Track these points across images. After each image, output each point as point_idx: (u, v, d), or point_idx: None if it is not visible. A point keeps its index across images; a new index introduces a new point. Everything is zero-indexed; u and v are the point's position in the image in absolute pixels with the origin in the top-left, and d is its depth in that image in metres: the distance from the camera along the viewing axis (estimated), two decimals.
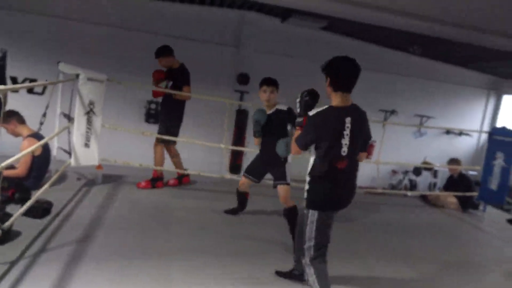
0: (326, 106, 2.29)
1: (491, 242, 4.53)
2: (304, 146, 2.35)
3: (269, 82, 3.41)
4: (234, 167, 7.09)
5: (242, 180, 3.82)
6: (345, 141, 2.25)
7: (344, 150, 2.26)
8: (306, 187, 2.38)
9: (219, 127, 6.96)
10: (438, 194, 5.85)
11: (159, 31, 6.36)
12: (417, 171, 8.11)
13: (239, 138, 7.12)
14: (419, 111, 8.34)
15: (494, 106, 9.03)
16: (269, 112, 3.45)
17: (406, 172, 8.17)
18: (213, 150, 6.38)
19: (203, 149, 6.39)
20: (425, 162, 7.64)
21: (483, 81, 8.74)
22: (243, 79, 7.09)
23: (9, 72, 5.92)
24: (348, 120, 2.26)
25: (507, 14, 4.12)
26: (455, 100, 8.66)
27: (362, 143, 2.40)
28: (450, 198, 5.57)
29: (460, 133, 8.64)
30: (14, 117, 3.84)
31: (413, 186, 8.03)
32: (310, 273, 2.34)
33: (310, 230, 2.35)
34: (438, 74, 8.27)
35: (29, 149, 2.92)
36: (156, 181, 4.67)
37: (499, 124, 8.67)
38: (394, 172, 8.24)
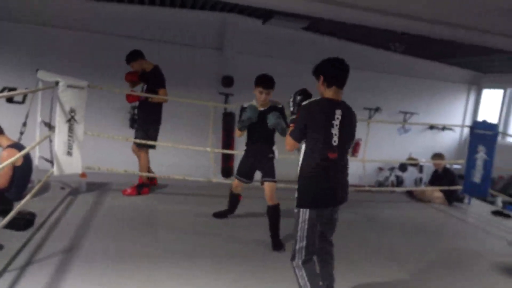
0: (319, 98, 2.35)
1: (477, 235, 4.61)
2: (298, 137, 2.34)
3: (267, 86, 3.34)
4: (226, 170, 7.05)
5: (235, 182, 3.79)
6: (335, 131, 2.27)
7: (335, 140, 2.27)
8: (297, 186, 2.35)
9: (205, 130, 6.92)
10: (423, 190, 5.94)
11: (141, 36, 6.30)
12: (403, 167, 8.22)
13: (227, 141, 7.08)
14: (403, 108, 8.45)
15: (474, 100, 9.22)
16: (261, 109, 3.40)
17: (392, 169, 8.27)
18: (201, 154, 6.32)
19: (190, 153, 6.33)
20: (410, 158, 7.75)
21: (464, 76, 8.92)
22: (227, 81, 7.07)
23: None
24: (338, 112, 2.30)
25: (485, 11, 4.21)
26: (438, 96, 8.82)
27: (350, 140, 2.41)
28: (436, 193, 5.65)
29: (443, 128, 8.79)
30: None
31: (399, 182, 8.13)
32: (301, 275, 2.30)
33: (301, 229, 2.28)
34: (420, 71, 8.39)
35: (9, 160, 2.84)
36: (142, 187, 4.62)
37: (480, 118, 8.86)
38: (380, 169, 8.33)
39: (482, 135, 5.09)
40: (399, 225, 4.62)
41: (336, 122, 2.28)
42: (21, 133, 4.35)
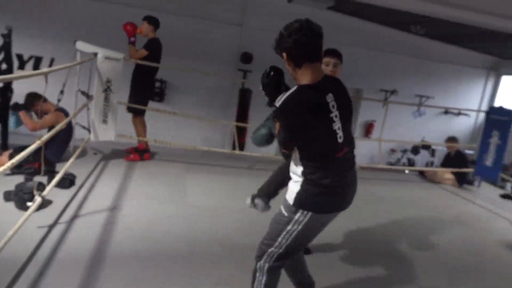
0: (295, 88, 1.72)
1: (482, 215, 4.81)
2: (289, 148, 1.79)
3: (334, 53, 2.62)
4: (238, 146, 7.29)
5: None
6: (337, 124, 1.74)
7: (340, 135, 1.75)
8: (296, 187, 1.79)
9: (221, 105, 7.15)
10: (435, 170, 6.14)
11: (162, 8, 6.41)
12: (415, 150, 8.39)
13: (242, 117, 7.30)
14: (419, 91, 8.51)
15: (492, 86, 9.21)
16: None
17: (404, 151, 8.44)
18: (214, 128, 6.62)
19: (202, 127, 6.62)
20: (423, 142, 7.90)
21: (483, 62, 8.89)
22: (246, 58, 7.20)
23: (14, 49, 6.01)
24: (330, 97, 1.73)
25: None
26: (455, 80, 8.83)
27: (351, 119, 1.91)
28: (447, 174, 5.85)
29: (459, 113, 8.86)
30: (36, 98, 3.97)
31: (411, 164, 8.30)
32: (259, 280, 1.93)
33: (287, 235, 1.81)
34: (438, 54, 8.40)
35: (59, 125, 3.13)
36: (143, 153, 4.88)
37: (497, 104, 8.88)
38: (392, 151, 8.50)
39: (497, 120, 5.22)
40: (408, 203, 4.84)
41: (334, 112, 1.73)
42: (59, 101, 4.63)
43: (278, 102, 1.72)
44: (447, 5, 4.55)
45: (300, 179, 1.77)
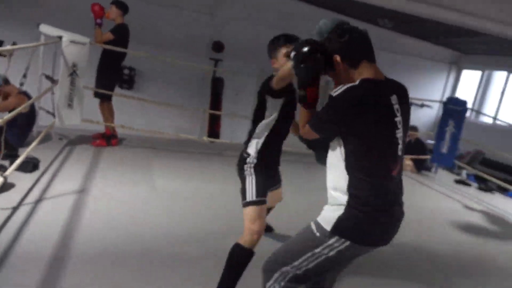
0: (359, 81, 1.46)
1: (434, 196, 5.16)
2: (326, 138, 1.55)
3: (293, 40, 2.16)
4: (213, 134, 7.36)
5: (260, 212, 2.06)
6: (400, 132, 1.49)
7: (400, 147, 1.50)
8: (337, 210, 1.47)
9: (193, 94, 7.17)
10: None
11: None
12: None
13: (215, 106, 7.36)
14: None
15: (454, 79, 9.67)
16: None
17: None
18: (186, 116, 6.65)
19: (173, 115, 6.63)
20: None
21: (446, 56, 9.32)
22: (218, 47, 7.24)
23: None
24: (394, 99, 1.49)
25: None
26: (419, 74, 9.21)
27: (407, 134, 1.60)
28: (406, 161, 6.17)
29: (422, 105, 9.26)
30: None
31: None
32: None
33: (312, 257, 1.50)
34: (404, 48, 8.72)
35: (23, 106, 3.10)
36: (110, 138, 4.84)
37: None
38: None
39: (453, 110, 5.53)
40: None
41: (399, 118, 1.48)
42: (21, 84, 4.54)
43: (335, 92, 1.46)
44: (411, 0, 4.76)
45: (344, 198, 1.46)
